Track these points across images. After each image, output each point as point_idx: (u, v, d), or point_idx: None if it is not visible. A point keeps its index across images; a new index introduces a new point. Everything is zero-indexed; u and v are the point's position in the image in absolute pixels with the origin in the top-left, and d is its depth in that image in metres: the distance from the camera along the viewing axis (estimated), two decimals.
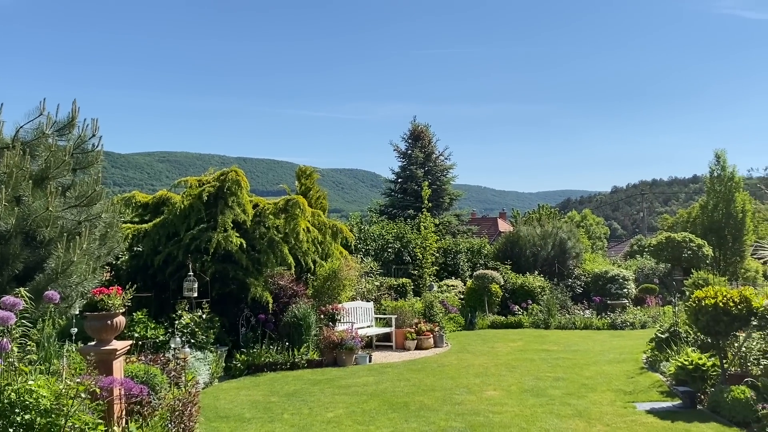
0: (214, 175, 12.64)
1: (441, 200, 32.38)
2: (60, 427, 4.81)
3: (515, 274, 20.79)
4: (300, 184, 16.36)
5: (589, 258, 25.21)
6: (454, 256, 22.78)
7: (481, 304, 18.78)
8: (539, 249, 23.01)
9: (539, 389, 9.21)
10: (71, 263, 7.64)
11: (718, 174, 26.86)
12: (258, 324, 11.83)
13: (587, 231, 47.68)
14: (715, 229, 26.00)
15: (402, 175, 33.34)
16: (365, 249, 20.32)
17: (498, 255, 23.44)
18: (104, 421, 5.62)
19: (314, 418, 7.67)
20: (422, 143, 33.51)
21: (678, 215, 44.30)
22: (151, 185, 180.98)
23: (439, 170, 33.27)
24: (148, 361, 7.85)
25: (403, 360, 12.37)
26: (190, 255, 11.38)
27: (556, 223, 25.30)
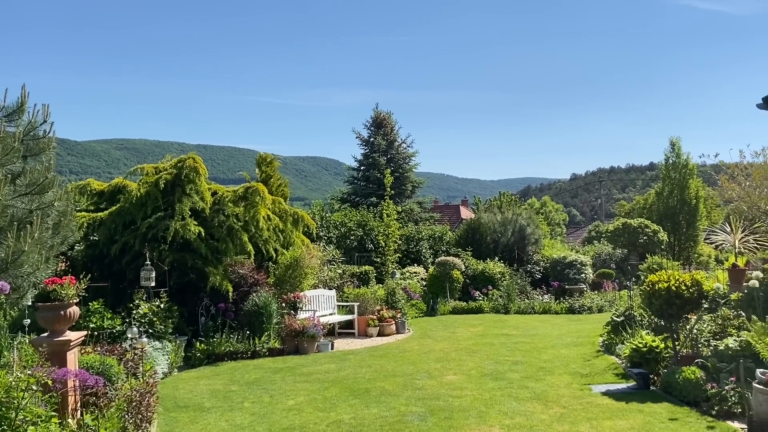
0: (171, 163, 12.42)
1: (403, 188, 32.47)
2: (10, 420, 4.69)
3: (476, 261, 21.01)
4: (260, 171, 16.19)
5: (548, 244, 25.63)
6: (417, 244, 22.89)
7: (442, 291, 18.94)
8: (500, 236, 23.28)
9: (498, 373, 9.36)
10: (22, 253, 7.43)
11: (673, 161, 27.56)
12: (218, 313, 11.70)
13: (547, 218, 48.48)
14: (670, 215, 26.71)
15: (364, 162, 33.30)
16: (328, 237, 20.27)
17: (460, 242, 23.64)
18: (58, 414, 5.51)
19: (275, 406, 7.65)
20: (385, 131, 33.49)
21: (635, 202, 45.32)
22: (108, 173, 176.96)
23: (402, 158, 33.34)
24: (104, 352, 7.72)
25: (365, 347, 12.41)
26: (147, 244, 11.18)
27: (516, 210, 25.62)
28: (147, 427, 6.52)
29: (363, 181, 32.94)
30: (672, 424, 6.58)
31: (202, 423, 6.94)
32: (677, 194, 26.87)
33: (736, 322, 8.74)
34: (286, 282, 13.35)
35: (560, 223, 58.54)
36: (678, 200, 26.82)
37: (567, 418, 6.84)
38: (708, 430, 6.36)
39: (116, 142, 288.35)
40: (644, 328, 10.36)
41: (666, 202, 27.17)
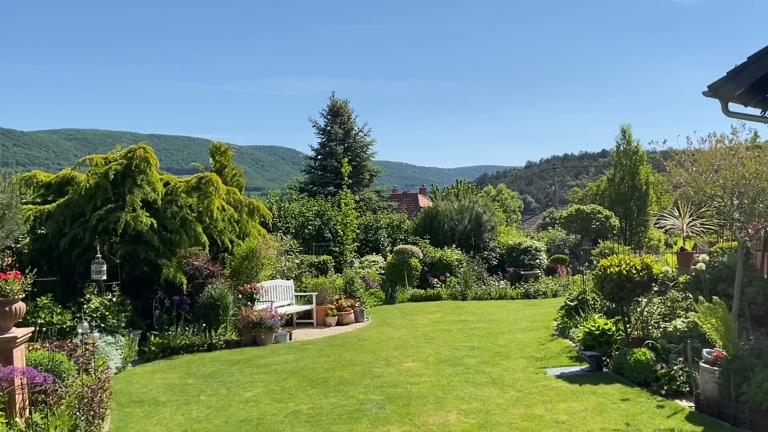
0: (121, 153, 12.10)
1: (361, 177, 32.39)
2: None
3: (434, 248, 21.14)
4: (214, 161, 15.91)
5: (503, 231, 25.97)
6: (375, 232, 22.89)
7: (401, 279, 19.01)
8: (457, 223, 23.46)
9: (455, 359, 9.45)
10: None
11: (624, 148, 28.20)
12: (173, 306, 11.49)
13: (502, 205, 49.08)
14: (622, 200, 27.36)
15: (321, 151, 33.07)
16: (285, 227, 20.10)
17: (417, 230, 23.74)
18: (5, 413, 5.34)
19: (232, 398, 7.57)
20: (341, 119, 33.30)
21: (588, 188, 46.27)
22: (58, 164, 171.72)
23: (359, 146, 33.22)
24: (53, 348, 7.50)
25: (324, 336, 12.38)
26: (97, 236, 10.89)
27: (472, 197, 25.86)
28: (100, 424, 6.37)
29: (320, 170, 32.73)
30: (624, 404, 6.75)
31: (158, 417, 6.82)
32: (628, 180, 27.53)
33: (684, 304, 9.03)
34: (243, 273, 13.20)
35: (516, 210, 59.41)
36: (629, 186, 27.48)
37: (522, 402, 6.96)
38: (658, 408, 6.56)
39: (65, 132, 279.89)
40: (597, 312, 10.61)
41: (618, 188, 27.82)
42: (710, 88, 6.89)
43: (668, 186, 8.50)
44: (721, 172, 7.05)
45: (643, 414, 6.39)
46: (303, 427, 6.28)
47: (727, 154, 7.09)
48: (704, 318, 6.62)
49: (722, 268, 8.28)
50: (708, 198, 7.33)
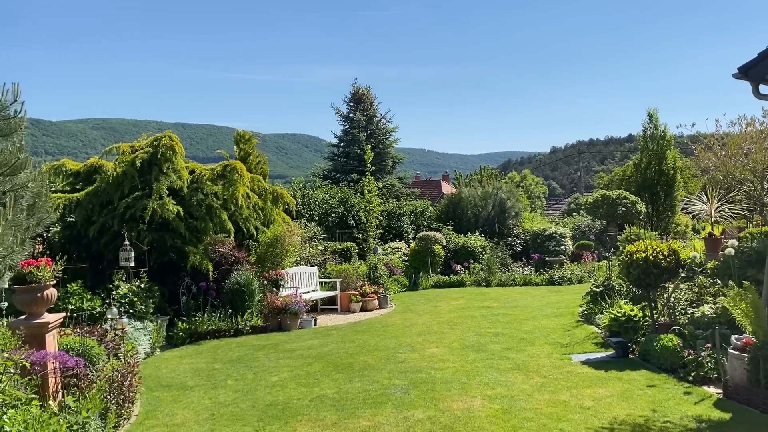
0: (147, 141, 12.25)
1: (384, 163, 32.38)
2: None
3: (457, 235, 21.10)
4: (239, 149, 16.02)
5: (528, 217, 25.81)
6: (398, 219, 22.91)
7: (424, 265, 19.02)
8: (480, 209, 23.37)
9: (479, 345, 9.45)
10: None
11: (651, 132, 27.72)
12: (199, 292, 11.65)
13: (527, 191, 48.77)
14: (648, 185, 26.95)
15: (344, 138, 33.11)
16: (309, 214, 20.20)
17: (441, 217, 23.71)
18: (39, 396, 5.47)
19: (258, 382, 7.67)
20: (364, 106, 33.27)
21: (613, 173, 45.68)
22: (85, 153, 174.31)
23: (382, 133, 33.18)
24: (84, 333, 7.65)
25: (348, 322, 12.46)
26: (125, 224, 11.07)
27: (496, 183, 25.70)
28: (130, 407, 6.51)
29: (343, 157, 32.79)
30: (650, 390, 6.70)
31: (186, 401, 6.94)
32: (655, 165, 27.09)
33: (712, 290, 8.91)
34: (268, 260, 13.31)
35: (540, 196, 58.99)
36: (656, 171, 27.04)
37: (547, 388, 6.94)
38: (685, 395, 6.50)
39: (92, 122, 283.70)
40: (623, 298, 10.51)
41: (644, 174, 27.39)
42: (740, 70, 6.75)
43: (696, 170, 8.38)
44: (750, 155, 6.91)
45: (669, 400, 6.34)
46: (328, 411, 6.34)
47: (758, 138, 6.95)
48: (734, 303, 6.52)
49: (752, 253, 8.14)
50: (737, 182, 7.21)
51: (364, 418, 6.05)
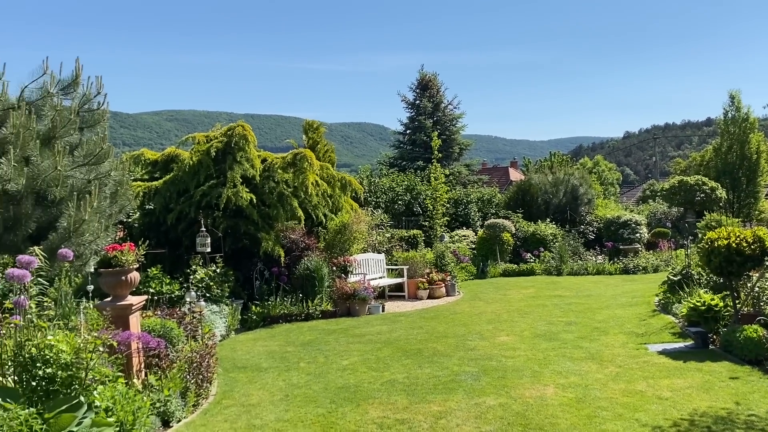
0: (221, 131, 12.58)
1: (451, 150, 32.17)
2: (81, 380, 4.91)
3: (527, 223, 20.76)
4: (307, 138, 16.24)
5: (601, 204, 25.11)
6: (465, 207, 22.73)
7: (492, 253, 18.82)
8: (551, 196, 22.91)
9: (551, 333, 9.29)
10: (83, 221, 7.69)
11: (732, 115, 26.42)
12: (271, 277, 11.95)
13: (599, 177, 47.42)
14: (729, 171, 25.73)
15: (410, 126, 33.06)
16: (375, 201, 20.31)
17: (509, 204, 23.39)
18: (124, 374, 5.74)
19: (330, 365, 7.80)
20: (430, 93, 33.09)
21: (691, 159, 43.79)
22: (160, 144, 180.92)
23: (448, 120, 32.94)
24: (164, 316, 7.96)
25: (415, 309, 12.49)
26: (201, 211, 11.44)
27: (567, 170, 25.11)
28: (208, 387, 6.76)
29: (409, 144, 32.76)
30: (733, 382, 6.42)
31: (261, 382, 7.14)
32: (737, 149, 25.83)
33: None
34: (336, 246, 13.48)
35: (613, 183, 57.29)
36: (738, 156, 25.79)
37: (623, 377, 6.76)
38: None
39: (166, 114, 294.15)
40: (702, 287, 10.10)
41: (725, 158, 26.17)
42: None
43: None
44: None
45: (754, 393, 6.05)
46: (399, 395, 6.39)
47: None
48: None
49: None
50: None
51: (435, 403, 6.06)
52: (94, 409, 4.76)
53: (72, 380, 4.86)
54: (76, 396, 4.64)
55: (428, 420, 5.60)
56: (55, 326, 5.68)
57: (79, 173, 8.11)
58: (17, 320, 5.09)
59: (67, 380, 4.83)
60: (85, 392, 4.83)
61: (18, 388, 4.76)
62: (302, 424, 5.64)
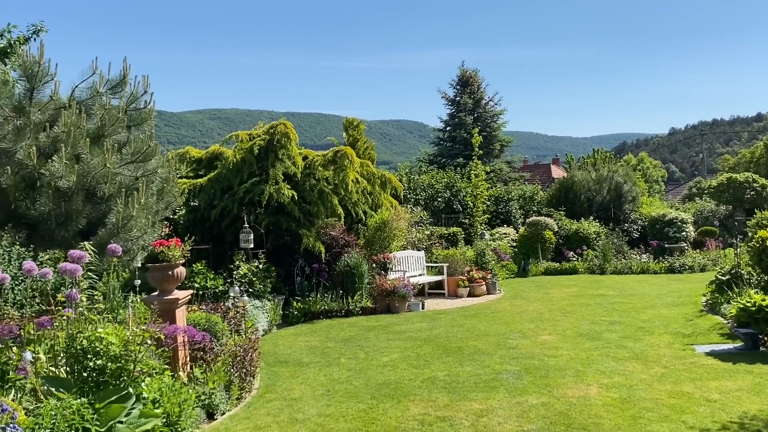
0: (263, 129, 12.74)
1: (491, 147, 31.92)
2: (129, 371, 5.04)
3: (569, 220, 20.47)
4: (347, 135, 16.32)
5: (646, 202, 24.58)
6: (506, 204, 22.53)
7: (534, 251, 18.61)
8: (594, 194, 22.54)
9: (595, 333, 9.15)
10: (131, 217, 7.88)
11: None
12: (312, 273, 12.06)
13: (644, 174, 46.43)
14: None
15: (450, 123, 32.91)
16: (415, 199, 20.29)
17: (551, 201, 23.09)
18: (170, 367, 5.87)
19: (370, 362, 7.83)
20: (471, 89, 32.89)
21: (740, 155, 42.53)
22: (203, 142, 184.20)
23: (489, 116, 32.69)
24: (208, 310, 8.12)
25: (455, 307, 12.45)
26: (244, 208, 11.61)
27: (611, 167, 24.65)
28: (251, 381, 6.86)
29: (449, 141, 32.62)
30: None
31: (302, 377, 7.22)
32: None
33: None
34: (376, 243, 13.52)
35: (658, 180, 55.99)
36: None
37: (669, 378, 6.61)
38: None
39: (209, 112, 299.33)
40: (752, 287, 9.80)
41: None
42: None
43: None
44: None
45: None
46: (440, 392, 6.38)
47: None
48: None
49: None
50: None
51: (476, 401, 6.03)
52: (141, 400, 4.88)
53: (121, 372, 5.00)
54: (125, 387, 4.77)
55: (470, 418, 5.58)
56: (104, 319, 5.84)
57: (127, 170, 8.31)
58: (69, 313, 5.26)
59: (116, 372, 4.97)
60: (134, 384, 4.96)
61: (70, 378, 4.92)
62: (344, 419, 5.68)
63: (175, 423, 5.11)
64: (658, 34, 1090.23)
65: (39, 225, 7.64)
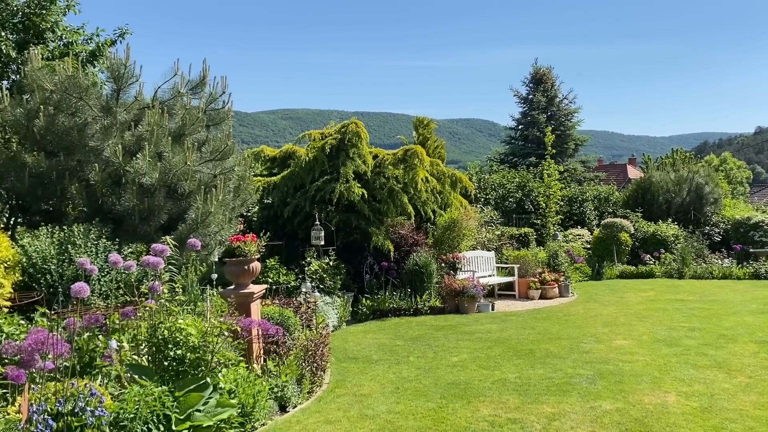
0: (335, 128, 12.91)
1: (565, 146, 31.22)
2: (207, 362, 5.22)
3: (646, 222, 19.76)
4: (417, 134, 16.31)
5: (728, 204, 23.43)
6: (580, 205, 21.99)
7: (609, 254, 18.07)
8: (673, 195, 21.68)
9: (673, 339, 8.80)
10: (209, 213, 8.16)
11: None
12: (381, 271, 12.13)
13: (727, 175, 44.31)
14: None
15: (523, 121, 32.40)
16: (485, 198, 20.08)
17: (628, 203, 22.38)
18: (244, 359, 6.05)
19: (439, 361, 7.81)
20: (544, 87, 32.26)
21: None
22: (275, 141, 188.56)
23: (563, 115, 31.98)
24: (281, 305, 8.30)
25: (526, 309, 12.24)
26: (315, 205, 11.80)
27: (691, 167, 23.63)
28: (322, 375, 6.97)
29: (521, 140, 32.11)
30: None
31: (372, 374, 7.27)
32: None
33: None
34: (445, 243, 13.46)
35: (743, 182, 53.35)
36: None
37: (754, 389, 6.28)
38: None
39: (281, 113, 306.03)
40: None
41: None
42: None
43: None
44: None
45: None
46: (510, 394, 6.29)
47: None
48: None
49: None
50: None
51: (548, 405, 5.92)
52: (218, 390, 5.04)
53: (199, 362, 5.18)
54: (202, 377, 4.94)
55: (541, 421, 5.48)
56: (184, 311, 6.07)
57: (206, 168, 8.61)
58: (152, 304, 5.49)
59: (194, 362, 5.15)
60: (211, 374, 5.14)
61: (152, 366, 5.14)
62: (413, 416, 5.69)
63: (249, 414, 5.25)
64: (743, 29, 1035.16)
65: (124, 219, 8.02)
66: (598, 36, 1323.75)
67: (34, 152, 8.15)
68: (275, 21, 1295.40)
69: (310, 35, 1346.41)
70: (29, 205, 8.76)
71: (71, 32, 10.23)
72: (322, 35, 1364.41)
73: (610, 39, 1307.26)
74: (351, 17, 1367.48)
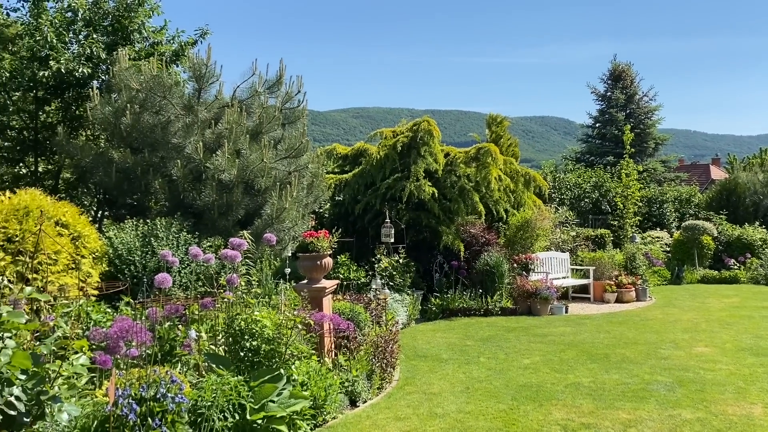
0: (407, 126, 12.93)
1: (645, 145, 30.14)
2: (281, 354, 5.34)
3: (731, 225, 18.84)
4: (490, 132, 16.11)
5: None
6: (660, 206, 21.19)
7: (689, 258, 17.33)
8: (761, 197, 20.59)
9: (759, 348, 8.34)
10: (284, 209, 8.35)
11: None
12: (450, 270, 12.06)
13: None
14: None
15: (600, 119, 31.50)
16: (560, 198, 19.65)
17: (711, 204, 21.41)
18: (316, 352, 6.15)
19: (510, 363, 7.70)
20: (623, 84, 31.25)
21: None
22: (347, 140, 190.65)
23: (643, 113, 30.88)
24: (352, 300, 8.39)
25: (601, 312, 11.89)
26: (386, 203, 11.86)
27: None
28: (391, 372, 7.00)
29: (598, 139, 31.23)
30: None
31: (441, 373, 7.25)
32: None
33: None
34: (517, 243, 13.24)
35: None
36: None
37: None
38: None
39: (353, 111, 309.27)
40: None
41: None
42: None
43: None
44: None
45: None
46: (584, 399, 6.13)
47: None
48: None
49: None
50: None
51: (623, 411, 5.73)
52: (291, 382, 5.15)
53: (273, 353, 5.30)
54: (277, 369, 5.06)
55: (616, 427, 5.31)
56: (259, 303, 6.23)
57: (281, 165, 8.81)
58: (230, 296, 5.67)
59: (269, 353, 5.28)
60: (284, 366, 5.25)
61: (228, 356, 5.30)
62: (483, 417, 5.63)
63: (321, 406, 5.34)
64: None
65: (203, 214, 8.32)
66: (682, 30, 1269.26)
67: (121, 148, 8.56)
68: (348, 18, 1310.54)
69: (381, 32, 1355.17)
70: (116, 199, 9.22)
71: (155, 32, 10.68)
72: (392, 33, 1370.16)
73: (694, 33, 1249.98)
74: (421, 12, 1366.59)
